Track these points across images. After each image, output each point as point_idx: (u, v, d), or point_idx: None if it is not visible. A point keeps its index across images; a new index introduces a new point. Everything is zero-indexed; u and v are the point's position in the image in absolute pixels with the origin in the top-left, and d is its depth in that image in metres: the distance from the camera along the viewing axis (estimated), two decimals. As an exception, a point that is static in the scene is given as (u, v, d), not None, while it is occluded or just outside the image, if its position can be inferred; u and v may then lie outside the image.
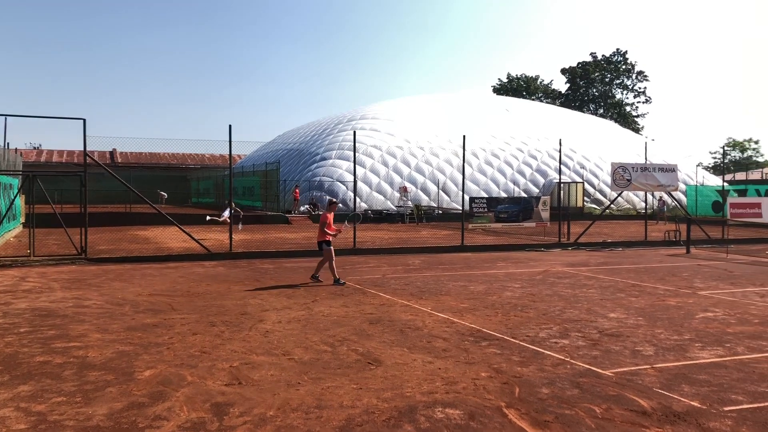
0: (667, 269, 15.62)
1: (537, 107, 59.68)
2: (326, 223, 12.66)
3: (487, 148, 43.88)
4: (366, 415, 5.29)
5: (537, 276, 14.17)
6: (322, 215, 12.93)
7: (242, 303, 10.54)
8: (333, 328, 8.66)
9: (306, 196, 37.23)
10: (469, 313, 9.76)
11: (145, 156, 66.15)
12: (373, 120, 45.14)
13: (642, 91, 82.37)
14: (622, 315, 9.66)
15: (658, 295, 11.63)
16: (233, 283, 12.87)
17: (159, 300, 10.78)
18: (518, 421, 5.18)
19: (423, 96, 55.84)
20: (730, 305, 10.51)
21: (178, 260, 16.81)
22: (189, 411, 5.36)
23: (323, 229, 12.61)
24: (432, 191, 39.70)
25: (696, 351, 7.45)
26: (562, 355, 7.23)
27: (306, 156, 42.92)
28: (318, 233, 12.82)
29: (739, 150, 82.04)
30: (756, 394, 5.84)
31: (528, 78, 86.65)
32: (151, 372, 6.49)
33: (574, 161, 44.66)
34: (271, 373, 6.49)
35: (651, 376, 6.43)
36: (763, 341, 7.94)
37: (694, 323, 9.05)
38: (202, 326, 8.71)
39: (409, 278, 13.72)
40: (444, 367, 6.74)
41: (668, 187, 23.63)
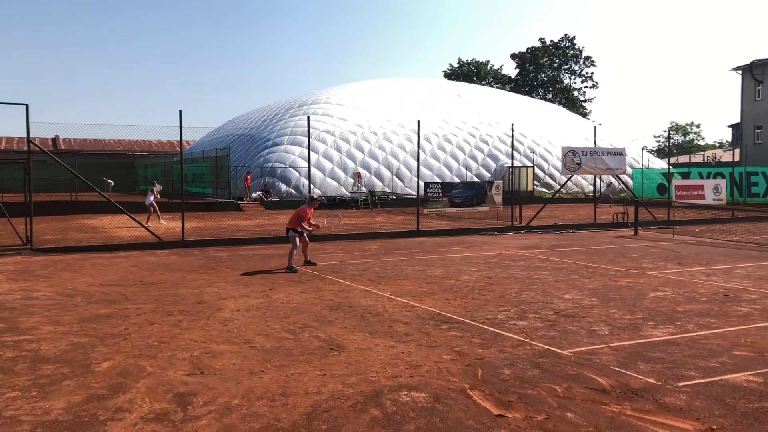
0: (617, 250, 16.04)
1: (488, 92, 60.20)
2: (303, 216, 12.87)
3: (439, 133, 44.11)
4: (332, 400, 5.28)
5: (492, 259, 14.36)
6: (301, 207, 13.10)
7: (198, 292, 10.38)
8: (293, 315, 8.61)
9: (258, 183, 36.80)
10: (428, 297, 9.84)
11: (89, 143, 64.22)
12: (326, 105, 44.83)
13: (589, 77, 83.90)
14: (576, 296, 9.88)
15: (610, 275, 11.94)
16: (187, 271, 12.65)
17: (112, 290, 10.53)
18: (483, 402, 5.26)
19: (374, 80, 55.66)
20: (679, 284, 10.86)
21: (128, 249, 16.44)
22: (151, 402, 5.26)
23: (299, 223, 12.79)
24: (386, 177, 39.75)
25: (649, 329, 7.68)
26: (521, 337, 7.36)
27: (258, 141, 42.38)
28: (290, 220, 13.01)
29: (681, 134, 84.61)
30: (707, 369, 6.06)
31: (478, 63, 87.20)
32: (109, 364, 6.34)
33: (524, 145, 45.30)
34: (233, 361, 6.42)
35: (608, 354, 6.61)
36: (711, 318, 8.24)
37: (646, 302, 9.32)
38: (159, 316, 8.55)
39: (366, 264, 13.73)
40: (407, 351, 6.78)
41: (617, 170, 24.22)
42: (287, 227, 13.09)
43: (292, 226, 12.92)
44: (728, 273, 12.11)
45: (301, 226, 12.89)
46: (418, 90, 51.68)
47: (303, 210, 13.01)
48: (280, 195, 35.97)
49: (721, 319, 8.17)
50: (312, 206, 13.20)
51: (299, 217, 12.87)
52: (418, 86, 53.45)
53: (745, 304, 9.15)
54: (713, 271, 12.33)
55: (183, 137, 18.03)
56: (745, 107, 47.61)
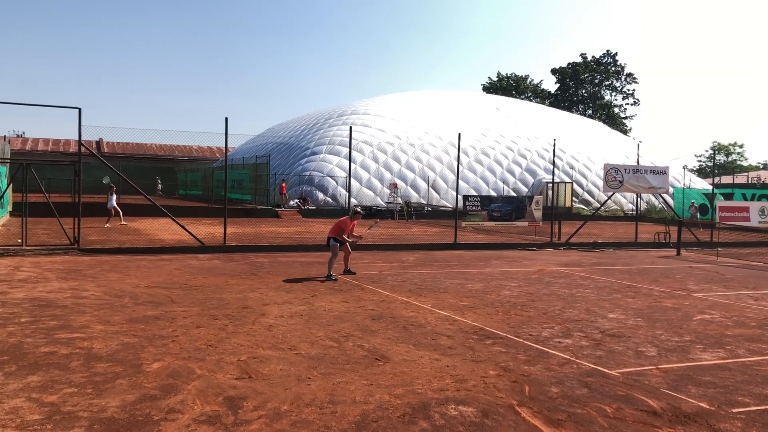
0: (659, 271, 15.77)
1: (527, 106, 59.90)
2: (345, 229, 12.99)
3: (477, 146, 43.98)
4: (380, 411, 5.30)
5: (532, 275, 14.25)
6: (343, 219, 13.25)
7: (242, 297, 10.50)
8: (336, 323, 8.66)
9: (296, 191, 37.13)
10: (469, 311, 9.80)
11: (131, 147, 65.56)
12: (364, 116, 45.09)
13: (630, 93, 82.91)
14: (621, 316, 9.74)
15: (654, 296, 11.74)
16: (230, 276, 12.82)
17: (157, 292, 10.72)
18: (532, 419, 5.22)
19: (413, 92, 55.81)
20: (726, 308, 10.63)
21: (171, 252, 16.72)
22: (202, 404, 5.34)
23: (339, 233, 12.89)
24: (422, 188, 39.75)
25: (698, 352, 7.54)
26: (567, 355, 7.29)
27: (296, 150, 42.78)
28: (331, 229, 13.09)
29: (724, 153, 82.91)
30: (762, 396, 5.92)
31: (518, 77, 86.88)
32: (160, 364, 6.45)
33: (563, 161, 44.91)
34: (280, 367, 6.49)
35: (657, 376, 6.50)
36: (763, 344, 8.05)
37: (693, 325, 9.15)
38: (205, 319, 8.68)
39: (405, 275, 13.74)
40: (451, 364, 6.77)
41: (659, 189, 23.84)
42: (328, 236, 13.13)
43: (333, 235, 12.98)
44: (777, 298, 11.82)
45: (342, 237, 12.98)
46: (457, 103, 51.65)
47: (344, 222, 13.12)
48: (317, 203, 36.22)
49: (773, 345, 7.98)
50: (354, 219, 13.31)
51: (341, 229, 12.96)
52: (457, 99, 53.44)
53: (798, 330, 8.92)
54: (762, 296, 12.04)
55: (223, 144, 18.31)
56: (792, 128, 46.45)
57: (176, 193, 55.97)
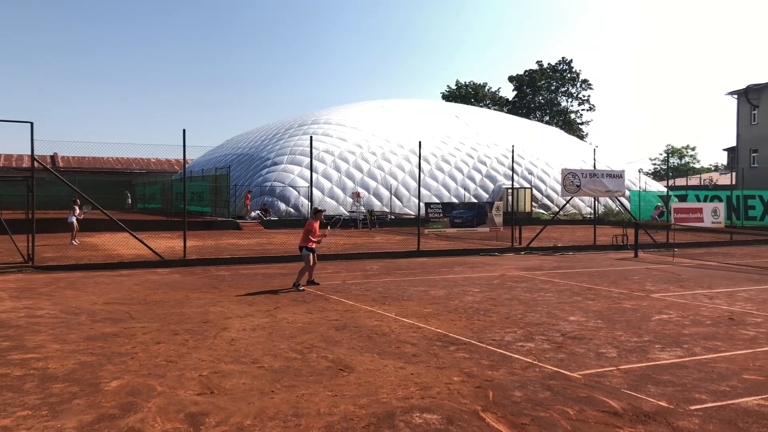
0: (618, 273, 16.06)
1: (486, 114, 60.54)
2: (311, 230, 12.91)
3: (438, 153, 44.27)
4: (345, 422, 5.27)
5: (494, 280, 14.37)
6: (308, 222, 13.25)
7: (203, 311, 10.35)
8: (299, 335, 8.60)
9: (257, 202, 36.81)
10: (433, 317, 9.84)
11: (87, 161, 64.28)
12: (326, 125, 45.02)
13: (586, 99, 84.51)
14: (581, 318, 9.89)
15: (613, 298, 11.95)
16: (191, 290, 12.63)
17: (116, 308, 10.50)
18: (496, 424, 5.25)
19: (373, 101, 55.95)
20: (683, 307, 10.88)
21: (130, 267, 16.41)
22: (163, 422, 5.24)
23: (308, 237, 12.85)
24: (384, 196, 39.81)
25: (656, 352, 7.69)
26: (530, 358, 7.36)
27: (257, 161, 42.45)
28: (301, 238, 13.05)
29: (677, 156, 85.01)
30: (718, 393, 6.06)
31: (476, 85, 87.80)
32: (119, 382, 6.31)
33: (522, 167, 45.48)
34: (242, 381, 6.41)
35: (617, 377, 6.61)
36: (718, 342, 8.25)
37: (651, 325, 9.33)
38: (165, 335, 8.52)
39: (369, 284, 13.73)
40: (416, 372, 6.77)
41: (616, 192, 24.33)
42: (300, 245, 13.11)
43: (304, 244, 12.93)
44: (731, 296, 12.14)
45: (312, 241, 12.92)
46: (417, 111, 51.95)
47: (310, 224, 13.09)
48: (279, 214, 35.98)
49: (728, 343, 8.18)
50: (317, 218, 13.28)
51: (308, 232, 12.91)
52: (417, 107, 53.76)
53: (751, 327, 9.17)
54: (716, 294, 12.36)
55: (181, 156, 18.08)
56: (741, 131, 47.96)
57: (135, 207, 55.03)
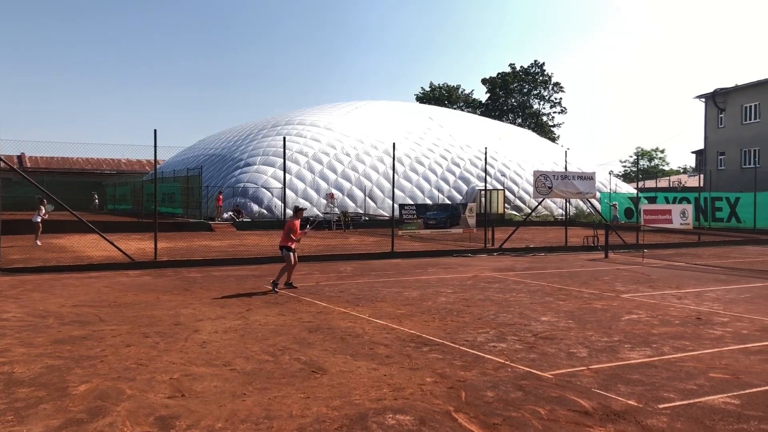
0: (589, 273, 16.25)
1: (459, 116, 60.84)
2: (293, 229, 12.76)
3: (412, 155, 44.38)
4: (317, 424, 5.25)
5: (467, 281, 14.44)
6: (288, 221, 13.05)
7: (174, 313, 10.24)
8: (272, 337, 8.55)
9: (230, 203, 36.53)
10: (407, 319, 9.85)
11: (56, 161, 63.27)
12: (299, 126, 44.85)
13: (558, 102, 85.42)
14: (553, 318, 9.98)
15: (584, 298, 12.09)
16: (161, 292, 12.48)
17: (85, 311, 10.33)
18: (468, 424, 5.27)
19: (347, 103, 55.90)
20: (652, 307, 11.04)
21: (99, 269, 16.16)
22: (133, 425, 5.16)
23: (288, 236, 12.72)
24: (358, 198, 39.78)
25: (626, 352, 7.79)
26: (502, 359, 7.40)
27: (229, 162, 42.13)
28: (282, 238, 12.92)
29: (647, 159, 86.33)
30: (686, 392, 6.16)
31: (450, 87, 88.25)
32: (87, 386, 6.21)
33: (495, 169, 45.81)
34: (214, 384, 6.35)
35: (588, 377, 6.68)
36: (686, 341, 8.39)
37: (621, 325, 9.46)
38: (135, 337, 8.41)
39: (342, 285, 13.70)
40: (389, 373, 6.78)
41: (587, 194, 24.62)
42: (280, 245, 12.95)
43: (284, 244, 12.79)
44: (699, 296, 12.35)
45: (293, 240, 12.76)
46: (391, 112, 52.04)
47: (291, 223, 12.90)
48: (252, 215, 35.75)
49: (695, 342, 8.33)
50: (298, 217, 13.14)
51: (289, 230, 12.75)
52: (391, 109, 53.85)
53: (718, 327, 9.34)
54: (684, 295, 12.57)
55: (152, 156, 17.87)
56: (708, 134, 48.87)
57: (105, 208, 54.26)
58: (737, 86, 46.55)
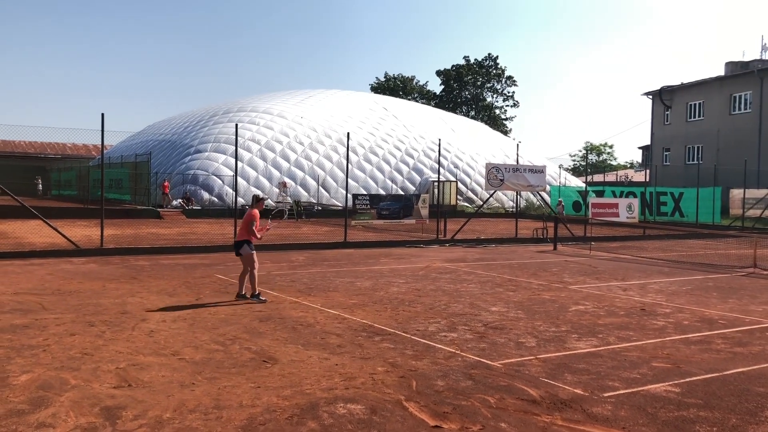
0: (538, 265, 16.54)
1: (414, 107, 60.99)
2: (253, 221, 10.44)
3: (366, 145, 44.33)
4: (268, 413, 5.21)
5: (419, 272, 14.53)
6: (247, 212, 10.59)
7: (121, 302, 10.01)
8: (222, 326, 8.44)
9: (179, 190, 35.85)
10: (359, 308, 9.86)
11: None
12: (252, 113, 44.25)
13: (510, 96, 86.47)
14: (503, 308, 10.13)
15: (533, 289, 12.30)
16: (108, 280, 12.19)
17: (27, 299, 10.01)
18: (419, 413, 5.31)
19: (301, 91, 55.42)
20: (598, 298, 11.31)
21: (42, 256, 15.68)
22: (77, 416, 5.03)
23: (250, 228, 10.42)
24: (312, 187, 39.56)
25: (573, 342, 7.97)
26: (453, 348, 7.48)
27: (179, 148, 41.32)
28: (240, 231, 10.63)
29: (596, 153, 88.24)
30: (630, 380, 6.34)
31: (405, 78, 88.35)
32: (28, 376, 6.02)
33: (448, 160, 46.14)
34: (162, 374, 6.23)
35: (536, 366, 6.81)
36: (630, 331, 8.63)
37: (569, 315, 9.66)
38: (80, 326, 8.19)
39: (294, 275, 13.62)
40: (341, 362, 6.77)
41: (537, 187, 25.04)
42: (238, 240, 10.58)
43: (245, 238, 10.49)
44: (643, 288, 12.71)
45: (254, 234, 10.48)
46: (345, 102, 51.81)
47: (250, 215, 10.50)
48: (202, 203, 35.19)
49: (639, 332, 8.57)
50: (258, 207, 10.75)
51: (251, 223, 10.43)
52: (345, 98, 53.60)
53: (660, 317, 9.63)
54: (629, 286, 12.91)
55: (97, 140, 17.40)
56: (655, 130, 50.25)
57: (49, 194, 52.66)
58: (683, 84, 47.96)
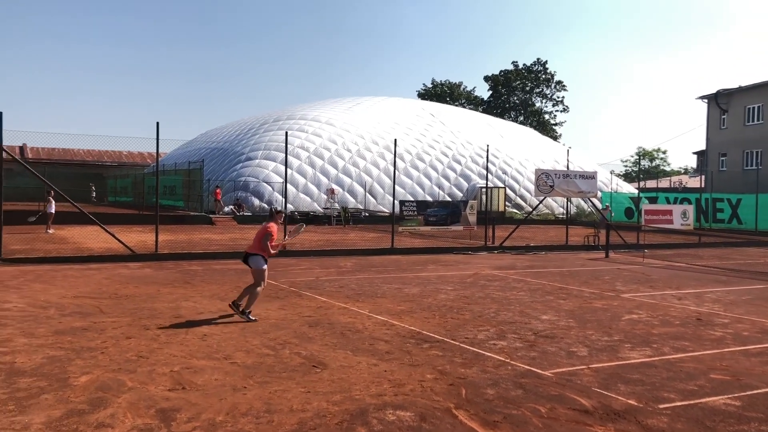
0: (589, 273, 16.25)
1: (461, 113, 60.76)
2: (270, 235, 9.52)
3: (413, 151, 44.38)
4: (318, 418, 5.25)
5: (468, 279, 14.44)
6: (264, 225, 9.74)
7: (175, 306, 10.25)
8: (272, 331, 8.56)
9: (231, 197, 36.54)
10: (407, 315, 9.86)
11: (58, 152, 63.19)
12: (301, 120, 44.82)
13: (560, 101, 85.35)
14: (553, 317, 9.99)
15: (585, 297, 12.09)
16: (162, 285, 12.49)
17: (85, 302, 10.34)
18: (468, 421, 5.28)
19: (349, 98, 55.85)
20: (652, 307, 11.04)
21: (100, 261, 16.17)
22: (134, 417, 5.17)
23: (264, 243, 9.53)
24: (359, 193, 39.79)
25: (626, 351, 7.80)
26: (502, 357, 7.41)
27: (231, 155, 42.13)
28: (253, 244, 9.69)
29: (648, 159, 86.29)
30: (686, 392, 6.16)
31: (452, 84, 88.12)
32: (88, 378, 6.22)
33: (496, 166, 45.81)
34: (215, 377, 6.35)
35: (588, 375, 6.69)
36: (686, 342, 8.40)
37: (621, 325, 9.46)
38: (136, 330, 8.42)
39: (342, 280, 13.71)
40: (389, 369, 6.78)
41: (588, 193, 24.61)
42: (249, 252, 9.65)
43: (257, 251, 9.57)
44: (699, 297, 12.35)
45: (268, 250, 9.55)
46: (392, 108, 51.99)
47: (268, 227, 9.59)
48: (253, 209, 35.77)
49: (696, 343, 8.33)
50: (277, 220, 9.94)
51: (266, 236, 9.51)
52: (392, 105, 53.79)
53: (718, 328, 9.34)
54: (684, 295, 12.57)
55: (154, 149, 17.86)
56: (710, 135, 48.83)
57: (106, 200, 54.29)
58: (741, 87, 46.49)
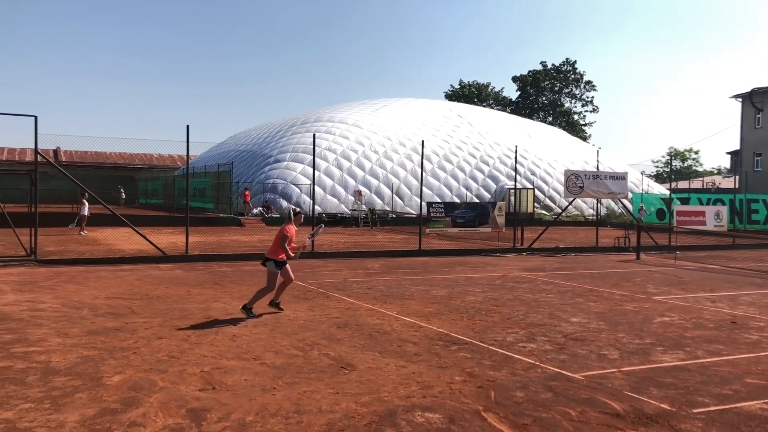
0: (620, 275, 16.04)
1: (489, 114, 60.44)
2: (287, 237, 9.56)
3: (440, 152, 44.26)
4: (346, 419, 5.26)
5: (496, 281, 14.36)
6: (282, 227, 9.70)
7: (205, 306, 10.36)
8: (301, 332, 8.60)
9: (259, 199, 36.83)
10: (435, 317, 9.83)
11: (90, 155, 64.25)
12: (328, 123, 45.00)
13: (589, 101, 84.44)
14: (583, 319, 9.88)
15: (615, 300, 11.94)
16: (192, 286, 12.63)
17: (118, 303, 10.50)
18: (498, 424, 5.24)
19: (376, 100, 55.92)
20: (685, 310, 10.86)
21: (132, 262, 16.42)
22: (165, 417, 5.24)
23: (282, 245, 9.55)
24: (386, 195, 39.80)
25: (658, 354, 7.68)
26: (532, 359, 7.35)
27: (259, 158, 42.47)
28: (271, 248, 9.68)
29: (680, 159, 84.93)
30: (721, 397, 6.05)
31: (479, 85, 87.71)
32: (120, 377, 6.32)
33: (524, 167, 45.47)
34: (244, 377, 6.40)
35: (619, 379, 6.60)
36: (720, 345, 8.24)
37: (653, 327, 9.32)
38: (167, 330, 8.53)
39: (370, 282, 13.73)
40: (418, 371, 6.77)
41: (619, 194, 24.29)
42: (268, 256, 9.64)
43: (274, 256, 9.57)
44: (733, 300, 12.12)
45: (286, 252, 9.61)
46: (419, 110, 51.91)
47: (286, 230, 9.62)
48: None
49: (730, 346, 8.17)
50: (296, 222, 9.96)
51: (283, 239, 9.53)
52: (419, 106, 53.70)
53: (754, 331, 9.15)
54: (718, 298, 12.34)
55: (184, 152, 18.09)
56: (744, 135, 47.91)
57: (137, 202, 55.10)
58: (775, 86, 45.53)
